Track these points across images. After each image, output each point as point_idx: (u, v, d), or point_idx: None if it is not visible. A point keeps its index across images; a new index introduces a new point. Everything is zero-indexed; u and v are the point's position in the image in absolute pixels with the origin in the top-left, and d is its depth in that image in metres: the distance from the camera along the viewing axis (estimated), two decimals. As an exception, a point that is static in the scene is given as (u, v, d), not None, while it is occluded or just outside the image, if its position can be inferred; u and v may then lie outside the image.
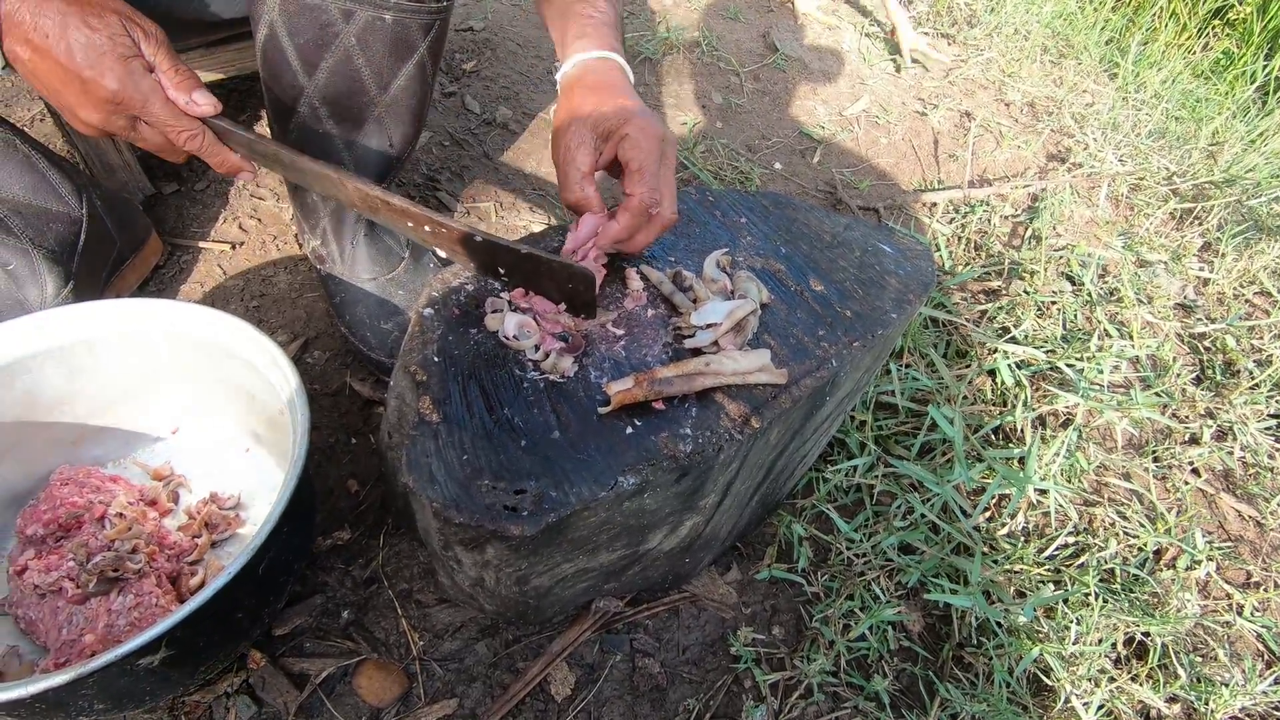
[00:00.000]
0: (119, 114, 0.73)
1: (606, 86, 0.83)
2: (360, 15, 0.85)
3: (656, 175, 0.79)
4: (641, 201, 0.78)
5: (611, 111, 0.81)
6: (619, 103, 0.81)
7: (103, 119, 0.73)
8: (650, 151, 0.79)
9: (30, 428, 0.91)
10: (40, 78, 0.71)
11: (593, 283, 0.79)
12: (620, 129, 0.80)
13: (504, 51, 1.86)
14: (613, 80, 0.85)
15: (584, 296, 0.80)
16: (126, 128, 0.75)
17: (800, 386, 0.79)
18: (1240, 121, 2.41)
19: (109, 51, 0.69)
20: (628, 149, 0.79)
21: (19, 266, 1.01)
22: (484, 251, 0.81)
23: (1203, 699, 1.03)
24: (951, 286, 1.53)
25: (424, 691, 0.90)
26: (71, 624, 0.80)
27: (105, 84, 0.70)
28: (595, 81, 0.84)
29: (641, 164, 0.78)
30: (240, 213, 1.36)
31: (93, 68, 0.69)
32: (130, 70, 0.71)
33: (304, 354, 1.20)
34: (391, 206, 0.80)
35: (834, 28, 2.11)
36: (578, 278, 0.78)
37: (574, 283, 0.79)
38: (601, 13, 0.89)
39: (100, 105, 0.72)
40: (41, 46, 0.68)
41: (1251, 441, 1.39)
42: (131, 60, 0.71)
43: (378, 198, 0.80)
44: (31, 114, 1.46)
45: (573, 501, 0.67)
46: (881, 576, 1.06)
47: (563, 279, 0.79)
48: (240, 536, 0.95)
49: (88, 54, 0.69)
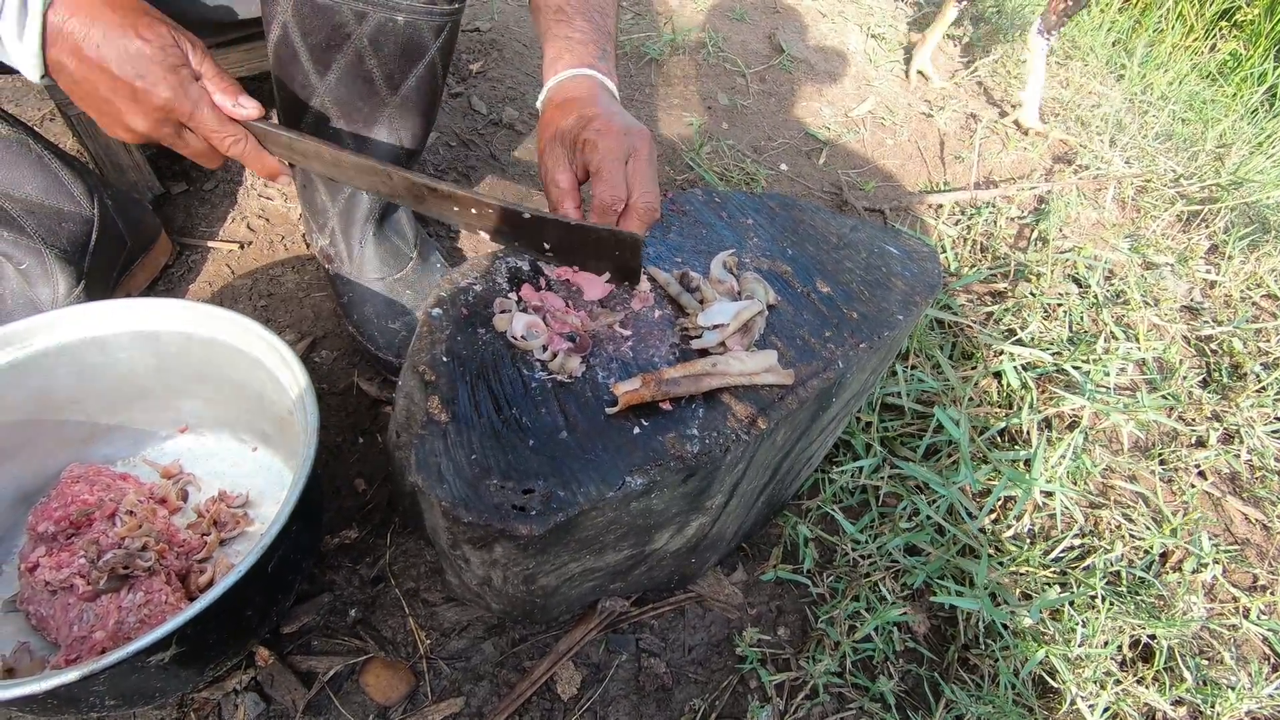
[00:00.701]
0: (167, 121, 0.75)
1: (573, 100, 0.86)
2: (373, 16, 0.86)
3: (618, 173, 0.80)
4: (602, 200, 0.80)
5: (573, 122, 0.83)
6: (581, 112, 0.83)
7: (151, 126, 0.75)
8: (609, 150, 0.80)
9: (41, 426, 0.92)
10: (85, 87, 0.72)
11: (639, 247, 0.80)
12: (581, 135, 0.82)
13: (510, 52, 1.86)
14: (579, 93, 0.87)
15: (630, 263, 0.82)
16: (172, 135, 0.77)
17: (807, 388, 0.79)
18: (1248, 123, 2.40)
19: (161, 62, 0.71)
20: (588, 153, 0.81)
21: (31, 266, 1.02)
22: (531, 228, 0.82)
23: (1209, 702, 1.03)
24: (957, 288, 1.53)
25: (431, 690, 0.91)
26: (82, 621, 0.81)
27: (159, 93, 0.72)
28: (563, 98, 0.87)
29: (599, 164, 0.80)
30: (248, 212, 1.37)
31: (144, 78, 0.71)
32: (181, 80, 0.73)
33: (312, 353, 1.21)
34: (438, 193, 0.81)
35: (950, 97, 2.09)
36: (625, 243, 0.80)
37: (621, 249, 0.81)
38: (580, 31, 0.91)
39: (150, 113, 0.74)
40: (91, 58, 0.70)
41: (1258, 445, 1.39)
42: (181, 69, 0.73)
43: (424, 185, 0.81)
44: (42, 113, 1.47)
45: (580, 501, 0.67)
46: (887, 578, 1.07)
47: (610, 246, 0.81)
48: (249, 535, 0.96)
49: (139, 64, 0.70)
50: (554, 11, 0.92)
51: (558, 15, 0.91)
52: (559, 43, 0.91)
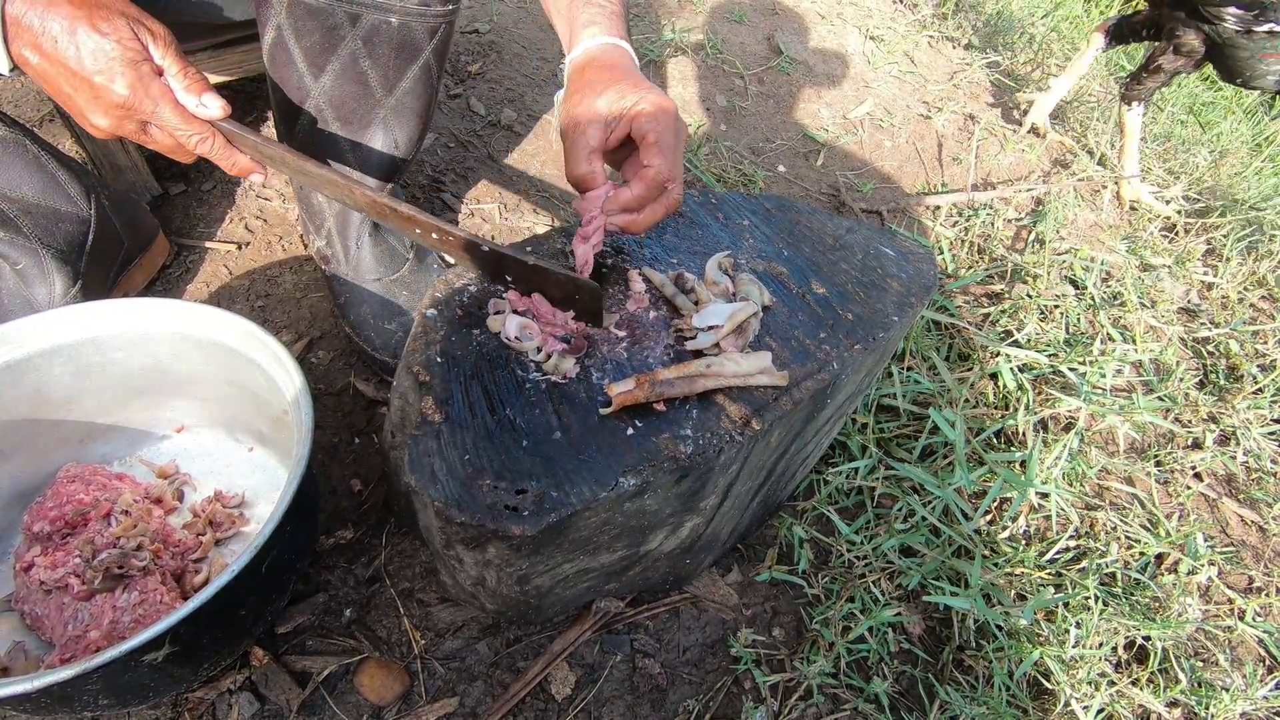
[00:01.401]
0: (129, 119, 0.73)
1: (620, 67, 0.82)
2: (366, 19, 0.86)
3: (673, 150, 0.78)
4: (659, 174, 0.77)
5: (627, 88, 0.79)
6: (634, 81, 0.80)
7: (113, 124, 0.73)
8: (668, 128, 0.77)
9: (38, 425, 0.92)
10: (50, 82, 0.71)
11: (599, 295, 0.79)
12: (635, 105, 0.78)
13: (509, 54, 1.86)
14: (625, 64, 0.83)
15: (591, 307, 0.80)
16: (137, 131, 0.75)
17: (801, 389, 0.79)
18: (1246, 126, 2.41)
19: (118, 57, 0.69)
20: (644, 123, 0.77)
21: (28, 266, 1.02)
22: (491, 261, 0.82)
23: (1203, 704, 1.03)
24: (954, 290, 1.53)
25: (425, 690, 0.91)
26: (77, 620, 0.81)
27: (115, 90, 0.70)
28: (608, 62, 0.83)
29: (659, 136, 0.77)
30: (246, 213, 1.37)
31: (102, 73, 0.69)
32: (140, 75, 0.71)
33: (308, 354, 1.21)
34: (399, 213, 0.80)
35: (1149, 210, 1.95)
36: (584, 290, 0.79)
37: (581, 294, 0.80)
38: (611, 2, 0.88)
39: (110, 110, 0.72)
40: (50, 52, 0.68)
41: (1254, 446, 1.39)
42: (141, 65, 0.71)
43: (385, 204, 0.80)
44: (40, 114, 1.47)
45: (574, 502, 0.67)
46: (882, 579, 1.07)
47: (569, 291, 0.80)
48: (244, 535, 0.96)
49: (96, 59, 0.68)
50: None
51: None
52: (589, 9, 0.87)
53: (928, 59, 2.27)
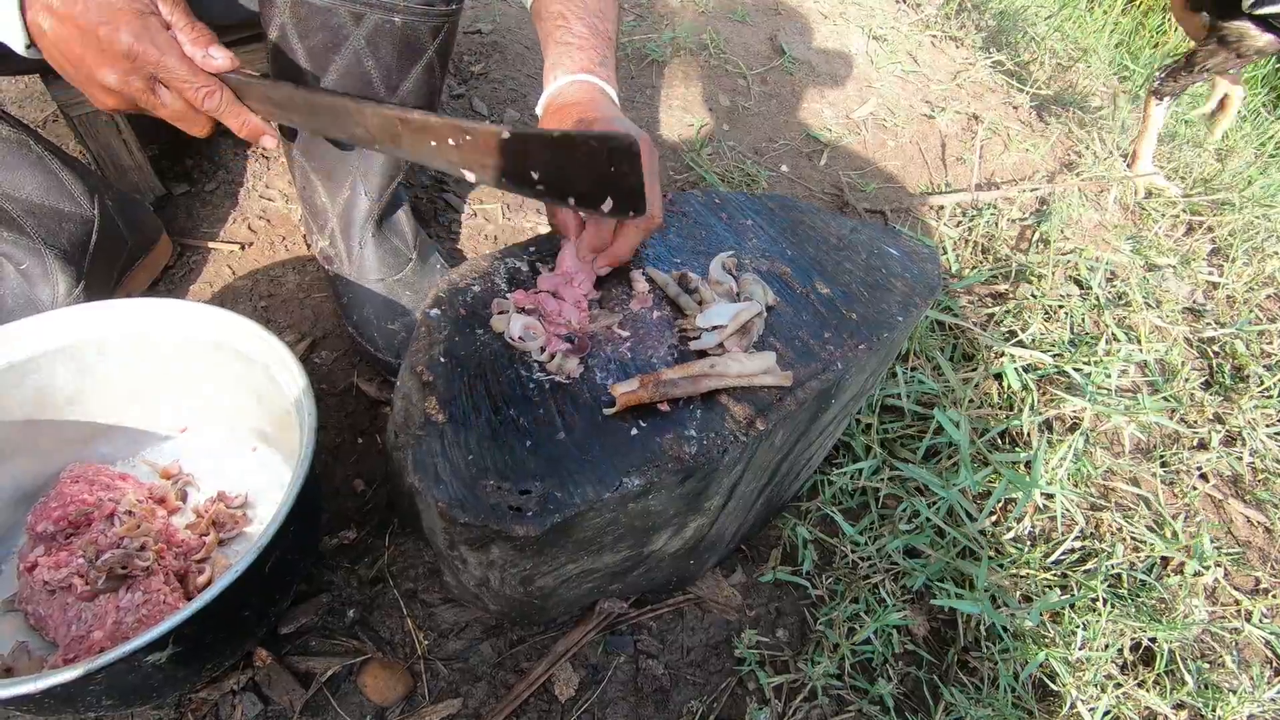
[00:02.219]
0: (135, 72, 0.74)
1: (573, 105, 0.84)
2: (370, 18, 0.86)
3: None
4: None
5: (575, 124, 0.81)
6: (581, 116, 0.82)
7: (120, 79, 0.73)
8: None
9: (41, 426, 0.92)
10: (60, 48, 0.72)
11: (638, 156, 0.69)
12: None
13: (512, 54, 1.86)
14: (580, 98, 0.85)
15: (629, 179, 0.70)
16: (144, 90, 0.76)
17: (805, 389, 0.79)
18: (1251, 125, 2.40)
19: (125, 7, 0.70)
20: None
21: (32, 266, 1.02)
22: (515, 151, 0.74)
23: (1210, 706, 1.03)
24: (958, 290, 1.53)
25: (428, 691, 0.90)
26: (80, 620, 0.81)
27: (121, 38, 0.71)
28: (562, 104, 0.85)
29: None
30: (249, 213, 1.37)
31: (108, 23, 0.70)
32: (147, 25, 0.72)
33: (311, 354, 1.21)
34: (411, 123, 0.76)
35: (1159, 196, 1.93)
36: (620, 152, 0.69)
37: (616, 161, 0.70)
38: (578, 37, 0.90)
39: (116, 61, 0.72)
40: (61, 11, 0.69)
41: (1260, 447, 1.38)
42: (148, 16, 0.72)
43: (396, 117, 0.77)
44: (44, 115, 1.48)
45: (577, 502, 0.67)
46: (887, 580, 1.06)
47: (602, 159, 0.71)
48: (247, 535, 0.96)
49: (104, 10, 0.70)
50: (554, 17, 0.91)
51: (558, 21, 0.91)
52: (559, 48, 0.90)
53: (931, 58, 2.26)
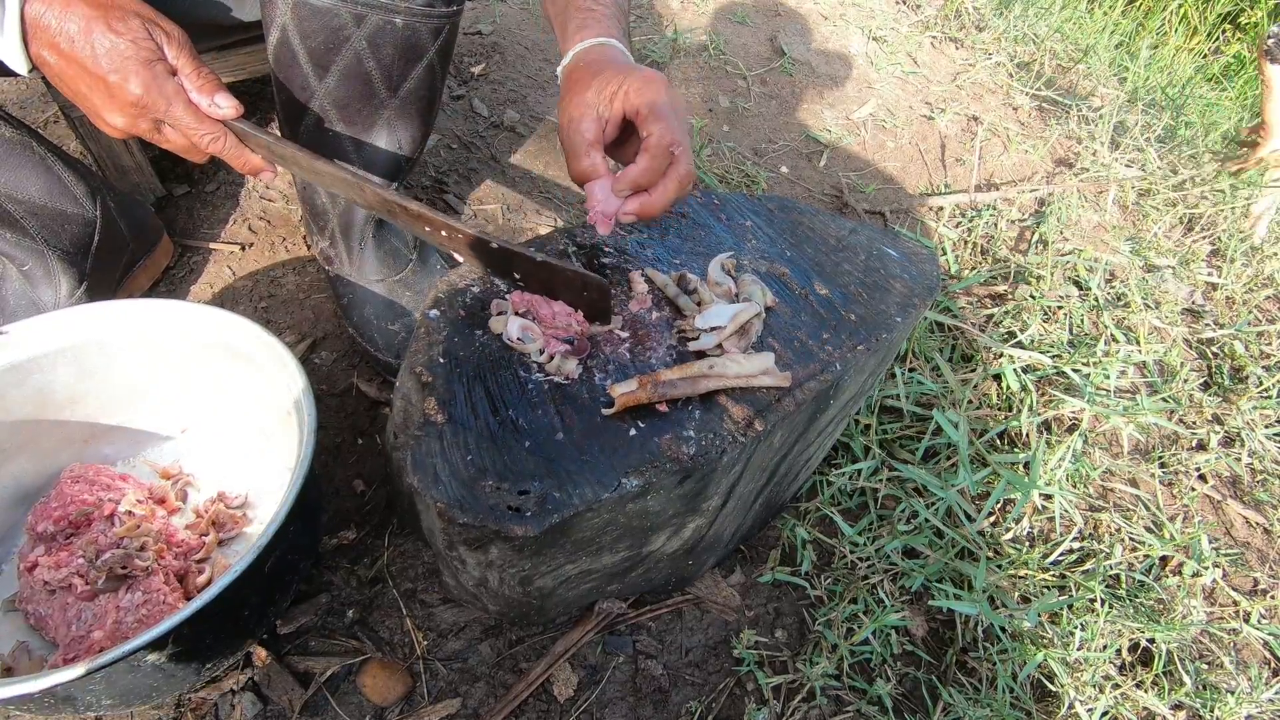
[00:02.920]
0: (143, 118, 0.74)
1: (605, 61, 0.82)
2: (371, 19, 0.86)
3: (674, 117, 0.75)
4: (660, 138, 0.74)
5: (611, 75, 0.78)
6: (619, 67, 0.79)
7: (128, 122, 0.74)
8: (659, 94, 0.75)
9: (42, 426, 0.92)
10: (66, 82, 0.72)
11: (608, 292, 0.79)
12: (622, 86, 0.77)
13: (512, 55, 1.87)
14: (611, 56, 0.83)
15: (599, 305, 0.80)
16: (151, 130, 0.76)
17: (804, 390, 0.79)
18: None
19: (133, 56, 0.70)
20: (634, 98, 0.76)
21: (34, 267, 1.03)
22: (499, 258, 0.82)
23: (1208, 706, 1.03)
24: (957, 291, 1.53)
25: (427, 691, 0.91)
26: (80, 620, 0.81)
27: (129, 89, 0.71)
28: (593, 60, 0.82)
29: (653, 106, 0.75)
30: (250, 214, 1.38)
31: (117, 72, 0.70)
32: (154, 75, 0.72)
33: (311, 354, 1.21)
34: (408, 211, 0.81)
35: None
36: (593, 286, 0.79)
37: (589, 291, 0.79)
38: (602, 5, 0.88)
39: (125, 109, 0.73)
40: (67, 52, 0.70)
41: (1259, 448, 1.39)
42: (155, 64, 0.72)
43: (395, 202, 0.81)
44: (46, 116, 1.48)
45: (576, 503, 0.67)
46: (885, 580, 1.06)
47: (578, 288, 0.80)
48: (247, 535, 0.96)
49: (111, 59, 0.70)
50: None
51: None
52: (579, 15, 0.87)
53: (930, 60, 2.27)
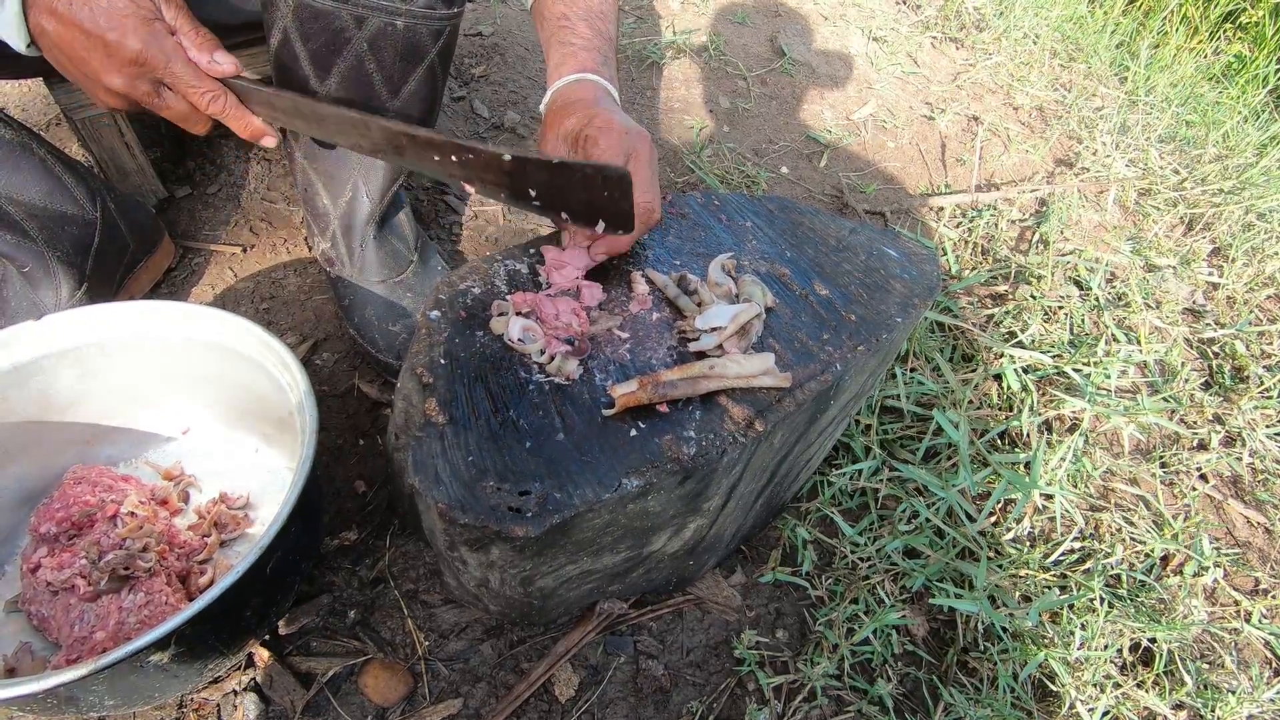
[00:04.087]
0: (142, 77, 0.75)
1: (576, 102, 0.86)
2: (372, 22, 0.87)
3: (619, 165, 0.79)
4: None
5: (576, 119, 0.83)
6: (584, 109, 0.84)
7: (126, 83, 0.75)
8: (610, 146, 0.80)
9: (44, 427, 0.92)
10: (64, 49, 0.73)
11: (629, 184, 0.75)
12: (583, 132, 0.82)
13: (512, 56, 1.87)
14: (582, 95, 0.87)
15: (621, 204, 0.76)
16: (150, 93, 0.77)
17: (804, 390, 0.79)
18: (1252, 126, 2.39)
19: (131, 14, 0.71)
20: (589, 148, 0.82)
21: (35, 269, 1.03)
22: (514, 173, 0.78)
23: (1209, 706, 1.03)
24: (958, 291, 1.53)
25: (429, 691, 0.91)
26: (83, 621, 0.82)
27: (128, 44, 0.72)
28: (565, 101, 0.87)
29: (601, 157, 0.80)
30: (251, 216, 1.38)
31: (116, 30, 0.71)
32: (153, 31, 0.73)
33: (313, 356, 1.21)
34: (417, 140, 0.79)
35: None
36: (613, 181, 0.75)
37: (609, 188, 0.76)
38: (582, 38, 0.92)
39: (124, 67, 0.74)
40: (66, 15, 0.70)
41: (1260, 447, 1.38)
42: (154, 22, 0.73)
43: (402, 133, 0.79)
44: (48, 118, 1.48)
45: (576, 503, 0.68)
46: (886, 580, 1.07)
47: (597, 185, 0.76)
48: (249, 536, 0.96)
49: (110, 17, 0.71)
50: (556, 19, 0.93)
51: (560, 22, 0.92)
52: (561, 49, 0.92)
53: (930, 60, 2.27)
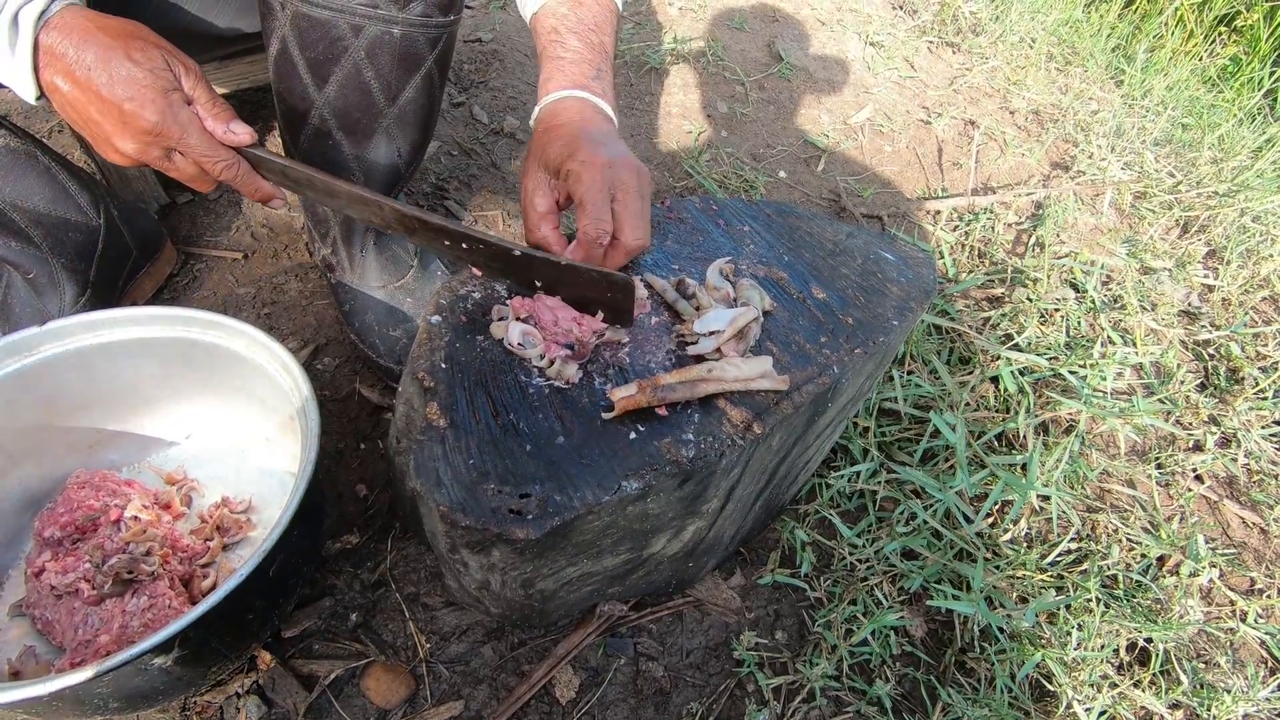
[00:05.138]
0: (156, 145, 0.75)
1: (562, 124, 0.85)
2: (369, 30, 0.87)
3: (603, 207, 0.79)
4: (587, 234, 0.79)
5: (559, 149, 0.82)
6: (568, 138, 0.82)
7: (139, 149, 0.75)
8: (593, 183, 0.79)
9: (48, 432, 0.93)
10: (77, 109, 0.73)
11: (632, 291, 0.80)
12: (565, 164, 0.81)
13: (511, 62, 1.88)
14: (570, 116, 0.86)
15: (623, 305, 0.81)
16: (161, 158, 0.77)
17: (802, 393, 0.80)
18: (1247, 129, 2.41)
19: (150, 85, 0.71)
20: (572, 184, 0.81)
21: (39, 275, 1.04)
22: (521, 266, 0.82)
23: (1205, 705, 1.03)
24: (955, 294, 1.54)
25: (430, 693, 0.91)
26: (87, 624, 0.82)
27: (146, 116, 0.72)
28: (551, 121, 0.86)
29: (583, 197, 0.79)
30: (252, 222, 1.39)
31: (134, 100, 0.71)
32: (170, 103, 0.73)
33: (314, 360, 1.22)
34: (429, 225, 0.81)
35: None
36: (618, 286, 0.80)
37: (614, 291, 0.80)
38: (572, 51, 0.91)
39: (139, 136, 0.74)
40: (82, 80, 0.70)
41: (1255, 448, 1.39)
42: (172, 93, 0.73)
43: (415, 217, 0.81)
44: (50, 125, 1.49)
45: (576, 505, 0.68)
46: (884, 582, 1.07)
47: (602, 289, 0.81)
48: (251, 540, 0.97)
49: (129, 87, 0.71)
50: (548, 32, 0.92)
51: (550, 36, 0.92)
52: (550, 64, 0.91)
53: (927, 64, 2.28)
